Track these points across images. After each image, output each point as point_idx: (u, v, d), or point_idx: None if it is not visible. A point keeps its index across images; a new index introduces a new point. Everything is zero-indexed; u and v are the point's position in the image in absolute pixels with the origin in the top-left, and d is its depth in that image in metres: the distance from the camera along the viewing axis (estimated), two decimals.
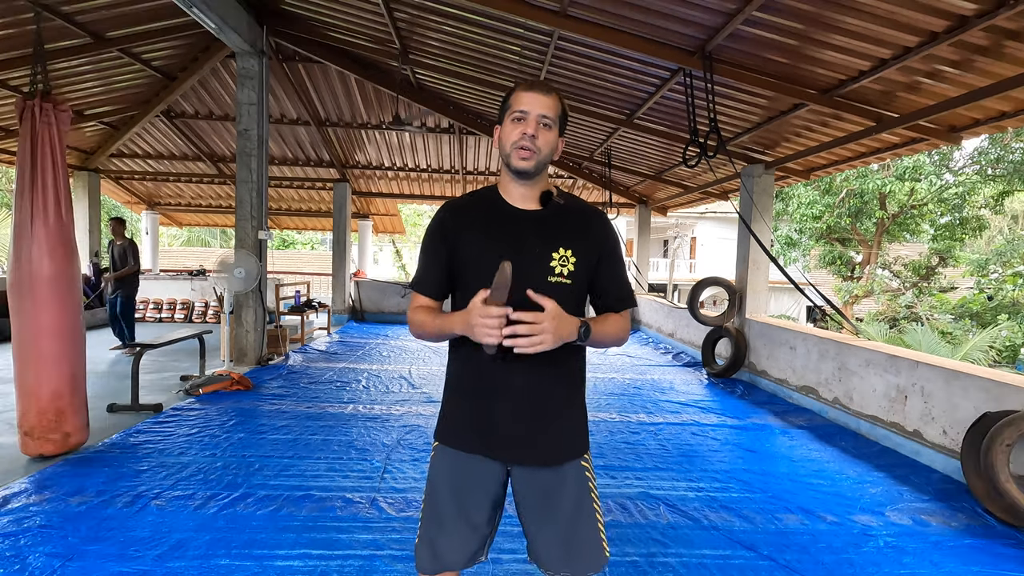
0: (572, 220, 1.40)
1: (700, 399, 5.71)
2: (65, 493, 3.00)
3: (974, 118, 4.28)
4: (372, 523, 2.81)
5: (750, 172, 6.58)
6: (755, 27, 3.94)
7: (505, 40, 5.55)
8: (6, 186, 19.20)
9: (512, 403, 1.36)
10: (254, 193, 6.31)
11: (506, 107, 1.37)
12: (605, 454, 3.96)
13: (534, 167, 1.33)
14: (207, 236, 27.83)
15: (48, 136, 3.34)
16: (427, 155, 10.58)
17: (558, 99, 1.35)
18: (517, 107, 1.33)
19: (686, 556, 2.63)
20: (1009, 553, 2.79)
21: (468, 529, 1.40)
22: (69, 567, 2.33)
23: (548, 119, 1.33)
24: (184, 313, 10.43)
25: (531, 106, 1.32)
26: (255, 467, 3.46)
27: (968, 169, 15.95)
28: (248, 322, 6.42)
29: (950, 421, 3.83)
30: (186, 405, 4.72)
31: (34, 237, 3.29)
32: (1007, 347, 13.10)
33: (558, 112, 1.34)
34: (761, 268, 6.72)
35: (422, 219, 28.60)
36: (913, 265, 17.37)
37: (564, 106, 1.37)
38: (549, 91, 1.34)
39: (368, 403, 5.07)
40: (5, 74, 6.64)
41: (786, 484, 3.56)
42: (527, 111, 1.32)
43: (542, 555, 1.41)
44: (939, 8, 3.21)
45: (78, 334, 3.49)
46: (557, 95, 1.35)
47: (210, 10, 5.18)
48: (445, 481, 1.42)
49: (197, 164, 11.06)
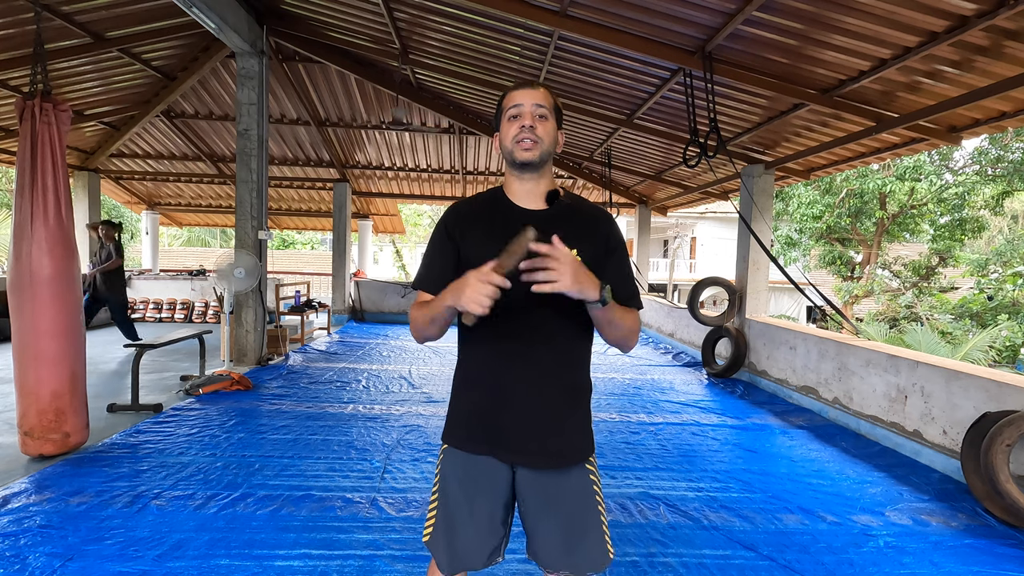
0: (578, 220, 1.41)
1: (700, 399, 5.71)
2: (65, 493, 3.00)
3: (974, 118, 4.29)
4: (372, 523, 2.81)
5: (750, 172, 6.58)
6: (755, 27, 3.95)
7: (505, 40, 5.55)
8: (6, 186, 19.20)
9: (519, 406, 1.36)
10: (254, 193, 6.31)
11: (500, 110, 1.40)
12: (605, 454, 3.96)
13: (538, 157, 1.35)
14: (207, 236, 27.84)
15: (48, 136, 3.34)
16: (427, 155, 10.58)
17: (548, 92, 1.38)
18: (510, 105, 1.36)
19: (686, 556, 2.63)
20: (1009, 553, 2.79)
21: (485, 529, 1.40)
22: (69, 567, 2.33)
23: (543, 108, 1.35)
24: (184, 313, 10.42)
25: (524, 99, 1.35)
26: (255, 467, 3.46)
27: (968, 169, 15.95)
28: (248, 322, 6.42)
29: (950, 421, 3.83)
30: (186, 405, 4.72)
31: (34, 237, 3.28)
32: (1007, 347, 13.09)
33: (552, 104, 1.37)
34: (761, 268, 6.72)
35: (422, 219, 28.63)
36: (913, 265, 17.37)
37: (556, 100, 1.40)
38: (537, 86, 1.38)
39: (368, 403, 5.07)
40: (5, 74, 6.64)
41: (786, 484, 3.56)
42: (521, 104, 1.35)
43: (540, 551, 1.41)
44: (939, 8, 3.21)
45: (78, 334, 3.49)
46: (546, 89, 1.39)
47: (210, 10, 5.18)
48: (457, 483, 1.42)
49: (197, 164, 11.06)
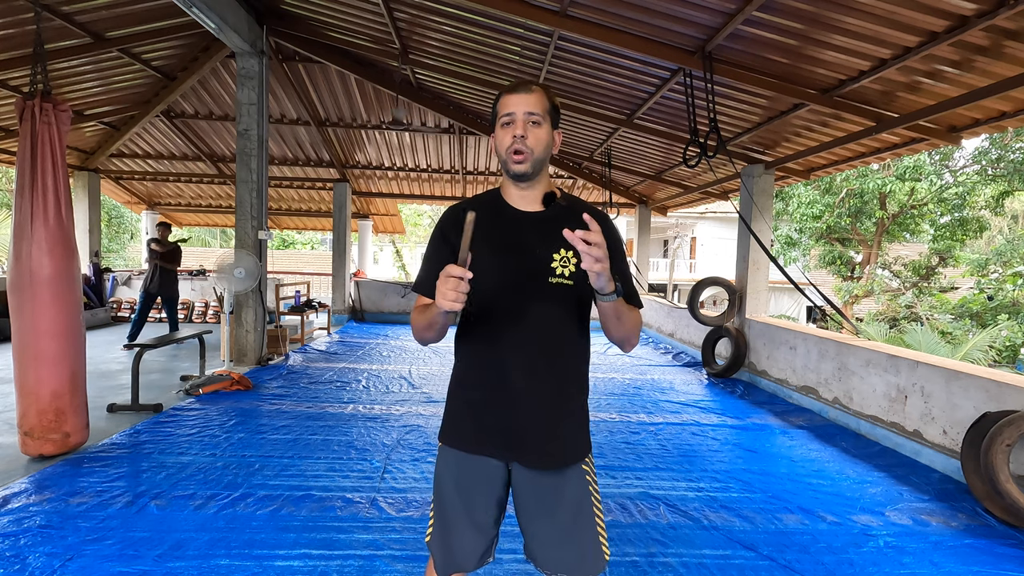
0: (574, 221, 1.40)
1: (700, 399, 5.71)
2: (65, 493, 3.00)
3: (974, 118, 4.28)
4: (372, 523, 2.81)
5: (750, 172, 6.58)
6: (755, 27, 3.95)
7: (505, 40, 5.55)
8: (6, 186, 19.19)
9: (516, 405, 1.36)
10: (254, 193, 6.31)
11: (495, 114, 1.39)
12: (605, 454, 3.96)
13: (530, 168, 1.34)
14: (207, 236, 27.83)
15: (48, 136, 3.34)
16: (427, 155, 10.57)
17: (543, 94, 1.36)
18: (504, 111, 1.35)
19: (686, 556, 2.63)
20: (1009, 553, 2.79)
21: (475, 530, 1.40)
22: (69, 567, 2.33)
23: (536, 115, 1.33)
24: (184, 313, 10.42)
25: (516, 106, 1.34)
26: (255, 467, 3.46)
27: (968, 169, 15.94)
28: (248, 322, 6.42)
29: (950, 421, 3.83)
30: (186, 405, 4.72)
31: (34, 237, 3.28)
32: (1007, 347, 13.08)
33: (546, 107, 1.35)
34: (761, 268, 6.72)
35: (422, 219, 28.62)
36: (913, 265, 17.36)
37: (552, 100, 1.38)
38: (531, 89, 1.35)
39: (368, 403, 5.07)
40: (5, 74, 6.64)
41: (786, 484, 3.56)
42: (513, 112, 1.34)
43: (538, 554, 1.41)
44: (939, 8, 3.21)
45: (78, 334, 3.49)
46: (542, 90, 1.36)
47: (210, 10, 5.18)
48: (452, 482, 1.42)
49: (197, 164, 11.06)
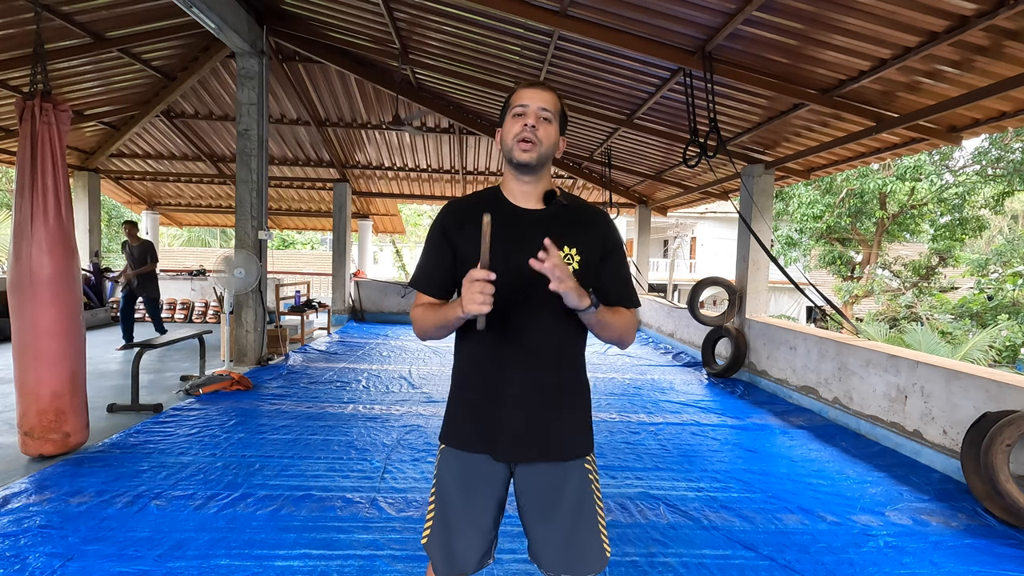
0: (575, 220, 1.41)
1: (700, 399, 5.71)
2: (65, 493, 3.00)
3: (974, 118, 4.28)
4: (372, 523, 2.81)
5: (750, 172, 6.58)
6: (755, 27, 3.95)
7: (505, 40, 5.55)
8: (6, 186, 19.19)
9: (516, 403, 1.36)
10: (254, 193, 6.31)
11: (507, 107, 1.40)
12: (605, 454, 3.96)
13: (536, 159, 1.35)
14: (207, 236, 27.82)
15: (48, 136, 3.34)
16: (427, 155, 10.58)
17: (557, 97, 1.39)
18: (517, 103, 1.37)
19: (686, 556, 2.63)
20: (1009, 553, 2.79)
21: (476, 531, 1.40)
22: (69, 567, 2.33)
23: (548, 112, 1.35)
24: (184, 313, 10.43)
25: (531, 100, 1.36)
26: (255, 467, 3.46)
27: (968, 169, 15.95)
28: (248, 322, 6.42)
29: (950, 421, 3.83)
30: (186, 405, 4.72)
31: (34, 237, 3.28)
32: (1007, 347, 13.09)
33: (557, 108, 1.38)
34: (761, 268, 6.72)
35: (422, 219, 28.60)
36: (913, 265, 17.36)
37: (563, 106, 1.41)
38: (548, 89, 1.39)
39: (368, 403, 5.07)
40: (5, 74, 6.64)
41: (786, 484, 3.56)
42: (527, 104, 1.35)
43: (541, 556, 1.41)
44: (939, 8, 3.21)
45: (78, 334, 3.49)
46: (556, 94, 1.39)
47: (210, 10, 5.18)
48: (454, 483, 1.42)
49: (197, 164, 11.06)
